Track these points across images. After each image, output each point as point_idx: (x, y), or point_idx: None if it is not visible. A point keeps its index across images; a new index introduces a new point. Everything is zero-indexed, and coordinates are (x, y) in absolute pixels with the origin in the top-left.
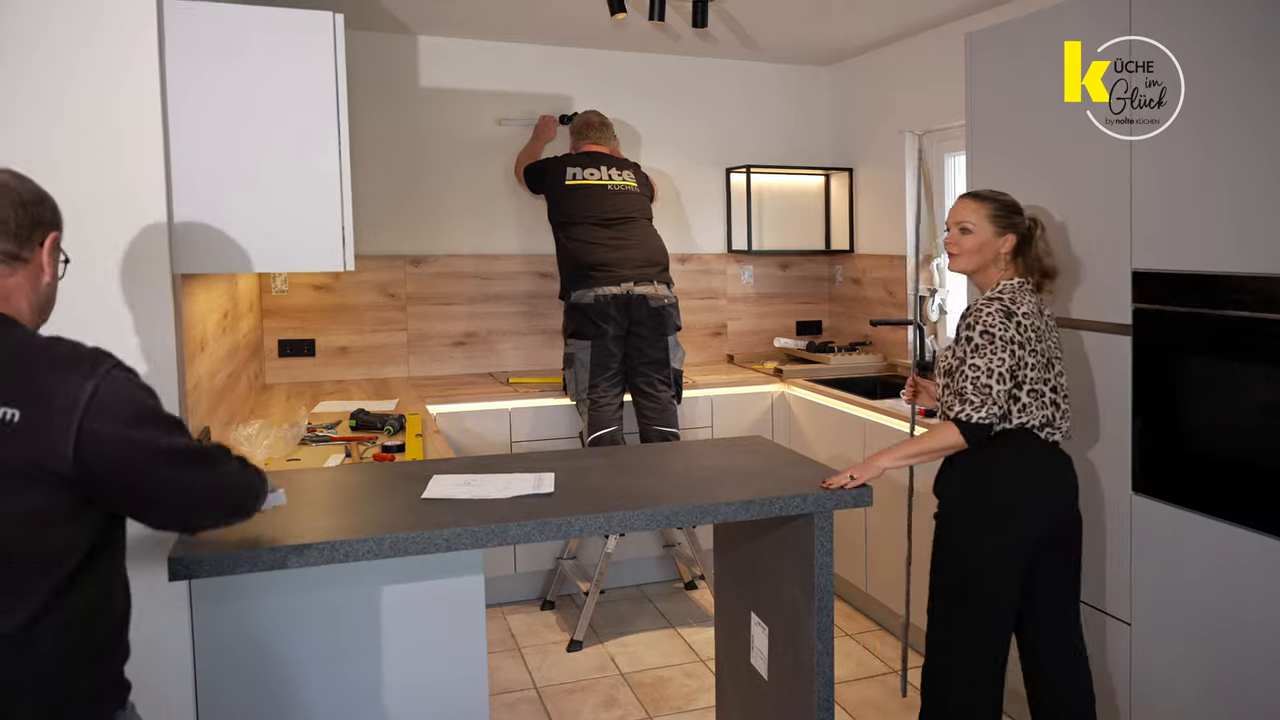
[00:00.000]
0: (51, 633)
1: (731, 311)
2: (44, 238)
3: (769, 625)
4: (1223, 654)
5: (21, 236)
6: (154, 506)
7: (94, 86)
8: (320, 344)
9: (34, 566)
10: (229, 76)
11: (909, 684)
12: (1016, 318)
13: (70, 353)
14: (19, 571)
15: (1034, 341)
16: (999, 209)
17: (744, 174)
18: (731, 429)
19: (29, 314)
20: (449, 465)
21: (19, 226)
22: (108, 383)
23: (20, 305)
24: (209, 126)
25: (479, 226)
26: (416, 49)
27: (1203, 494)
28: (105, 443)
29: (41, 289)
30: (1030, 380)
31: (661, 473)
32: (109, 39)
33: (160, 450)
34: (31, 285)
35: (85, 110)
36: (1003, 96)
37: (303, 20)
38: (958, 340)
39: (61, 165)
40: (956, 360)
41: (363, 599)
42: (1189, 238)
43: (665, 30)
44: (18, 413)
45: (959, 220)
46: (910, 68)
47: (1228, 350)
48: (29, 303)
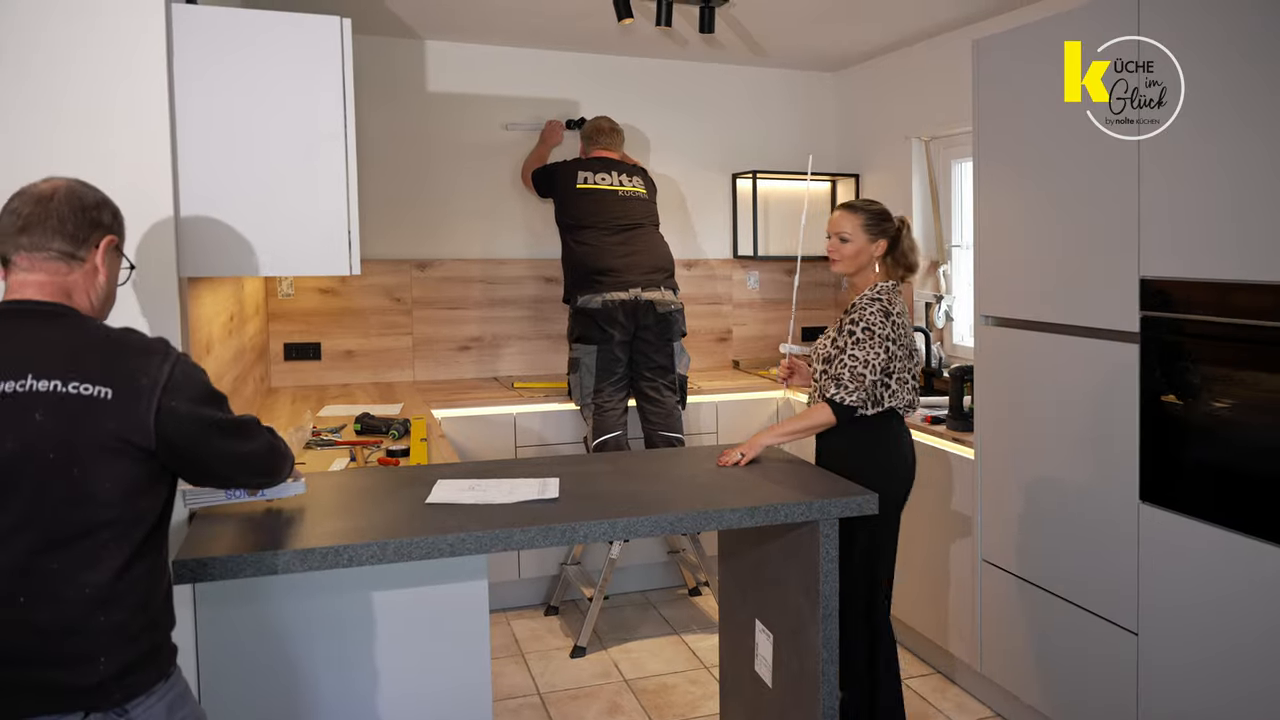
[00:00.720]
0: (128, 591)
1: (737, 317)
2: (100, 240)
3: (773, 632)
4: (1233, 665)
5: (79, 237)
6: (208, 471)
7: (102, 90)
8: (326, 347)
9: (120, 529)
10: (236, 80)
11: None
12: (893, 317)
13: (144, 339)
14: (109, 534)
15: (903, 337)
16: (871, 218)
17: (750, 179)
18: (736, 434)
19: (89, 309)
20: (454, 470)
21: (76, 228)
22: (179, 365)
23: (81, 301)
24: (216, 130)
25: (485, 231)
26: (424, 53)
27: (1212, 503)
28: (179, 418)
29: (99, 288)
30: (898, 370)
31: (666, 478)
32: (117, 43)
33: (216, 423)
34: (89, 283)
35: (94, 114)
36: (1009, 103)
37: (310, 25)
38: (840, 331)
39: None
40: (836, 349)
41: (366, 603)
42: (1198, 245)
43: (672, 36)
44: (110, 391)
45: (838, 231)
46: (916, 74)
47: (1238, 359)
48: (89, 299)
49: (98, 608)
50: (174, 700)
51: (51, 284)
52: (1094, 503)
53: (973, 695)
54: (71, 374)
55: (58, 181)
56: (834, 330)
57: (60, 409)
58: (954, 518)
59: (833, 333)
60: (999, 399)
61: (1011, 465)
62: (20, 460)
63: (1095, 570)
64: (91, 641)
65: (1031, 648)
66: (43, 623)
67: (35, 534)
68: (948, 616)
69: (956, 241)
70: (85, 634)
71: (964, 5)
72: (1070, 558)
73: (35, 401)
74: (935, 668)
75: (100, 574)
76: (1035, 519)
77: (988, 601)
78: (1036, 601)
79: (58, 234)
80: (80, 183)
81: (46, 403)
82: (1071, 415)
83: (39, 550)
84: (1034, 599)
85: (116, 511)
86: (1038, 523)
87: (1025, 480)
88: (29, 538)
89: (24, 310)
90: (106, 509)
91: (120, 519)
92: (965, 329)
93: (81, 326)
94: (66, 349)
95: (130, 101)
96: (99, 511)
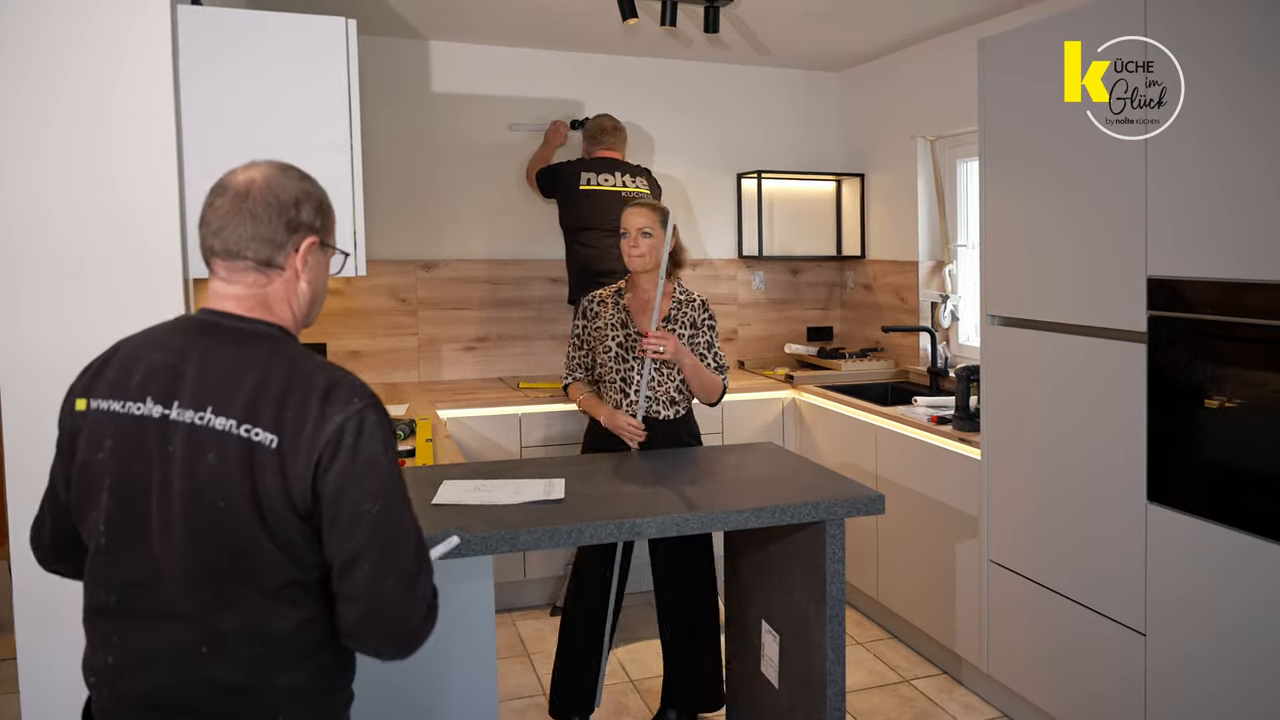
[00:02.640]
0: (306, 649)
1: (742, 317)
2: (300, 243)
3: (780, 633)
4: (1242, 666)
5: (276, 241)
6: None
7: (107, 91)
8: (331, 348)
9: (295, 586)
10: (242, 81)
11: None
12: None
13: (332, 380)
14: (285, 592)
15: None
16: (663, 215)
17: (755, 179)
18: (742, 435)
19: (293, 321)
20: (459, 470)
21: (274, 232)
22: (356, 420)
23: (283, 313)
24: (222, 130)
25: (490, 231)
26: (428, 54)
27: (1220, 504)
28: (327, 482)
29: (301, 295)
30: None
31: (672, 479)
32: (122, 44)
33: (367, 516)
34: (290, 292)
35: (99, 114)
36: (1016, 102)
37: (316, 25)
38: (698, 328)
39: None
40: (705, 343)
41: None
42: (1206, 244)
43: (677, 36)
44: (277, 440)
45: (640, 227)
46: (922, 73)
47: (1246, 358)
48: (291, 310)
49: (274, 668)
50: None
51: (250, 297)
52: (1101, 503)
53: (979, 695)
54: (249, 415)
55: (254, 171)
56: (677, 327)
57: (231, 454)
58: (960, 518)
59: (681, 329)
60: (1005, 399)
61: (1018, 465)
62: (191, 503)
63: (1102, 571)
64: (270, 700)
65: (1038, 648)
66: (221, 677)
67: (211, 586)
68: (954, 617)
69: (962, 241)
70: (262, 693)
71: (969, 4)
72: (1077, 558)
73: (211, 440)
74: (941, 668)
75: (276, 633)
76: (1042, 519)
77: (994, 602)
78: (1043, 602)
79: (253, 240)
80: (281, 170)
81: (220, 444)
82: (1078, 415)
83: (213, 602)
84: (1041, 599)
85: (290, 572)
86: (1045, 523)
87: (1032, 480)
88: (208, 588)
89: (223, 326)
90: (277, 568)
91: (295, 580)
92: (970, 329)
93: (277, 354)
94: (252, 383)
95: (137, 102)
96: (269, 569)
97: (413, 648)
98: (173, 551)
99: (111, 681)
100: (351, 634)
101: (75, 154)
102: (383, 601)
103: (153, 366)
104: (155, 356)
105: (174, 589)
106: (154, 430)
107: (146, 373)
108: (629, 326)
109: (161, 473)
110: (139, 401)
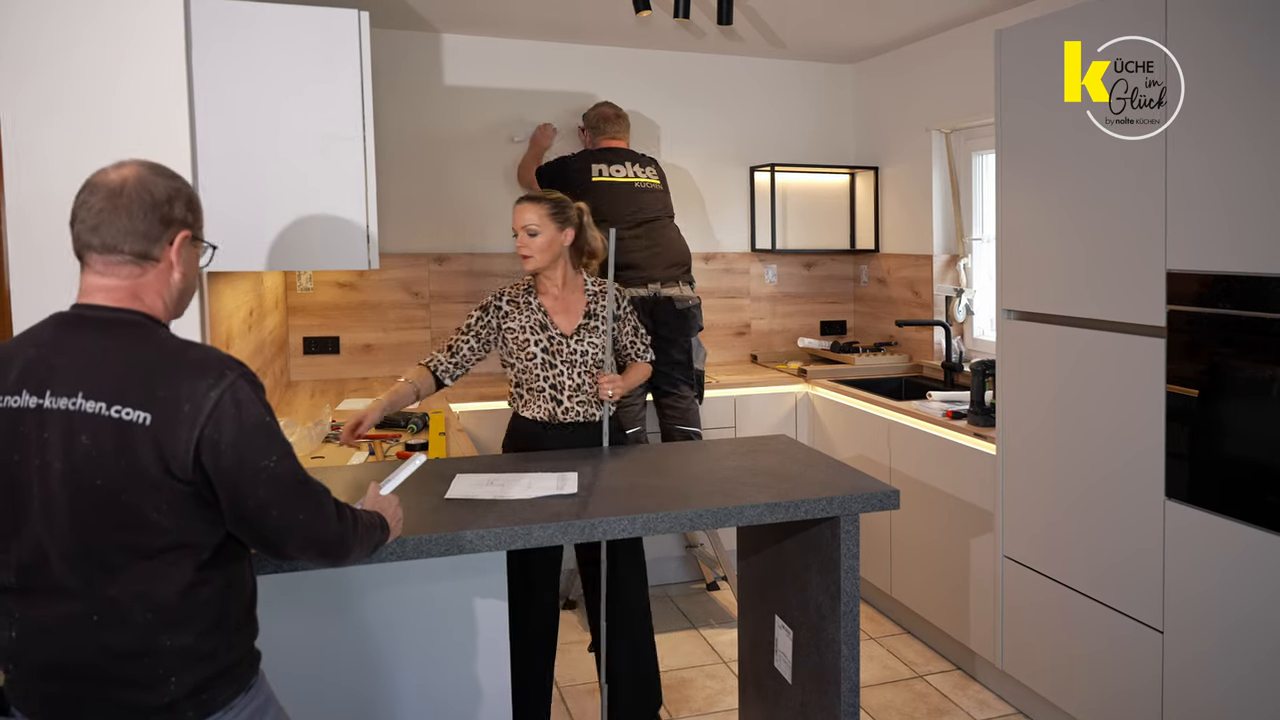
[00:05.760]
0: (195, 613)
1: (755, 311)
2: (174, 236)
3: (793, 628)
4: (1260, 663)
5: (151, 236)
6: (246, 523)
7: (119, 84)
8: (345, 341)
9: (178, 553)
10: (255, 74)
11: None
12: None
13: (203, 358)
14: (167, 559)
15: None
16: (554, 208)
17: (768, 172)
18: (754, 429)
19: (163, 310)
20: (472, 464)
21: (149, 226)
22: (230, 391)
23: (153, 302)
24: (235, 124)
25: (503, 224)
26: (440, 47)
27: (1239, 500)
28: (219, 453)
29: (172, 285)
30: None
31: (685, 473)
32: (135, 37)
33: (265, 472)
34: (162, 282)
35: (112, 107)
36: (1033, 94)
37: (328, 18)
38: (620, 319)
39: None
40: (630, 329)
41: (385, 599)
42: (1226, 238)
43: (689, 28)
44: (149, 417)
45: (524, 224)
46: (937, 65)
47: (1266, 353)
48: (161, 299)
49: (162, 631)
50: (254, 711)
51: (121, 289)
52: (1118, 499)
53: (994, 692)
54: (117, 396)
55: (127, 170)
56: (599, 323)
57: (104, 434)
58: (975, 513)
59: (596, 323)
60: (1021, 394)
61: (1034, 460)
62: (70, 483)
63: (1120, 567)
64: (160, 662)
65: (1054, 644)
66: (112, 643)
67: (95, 559)
68: (969, 612)
69: (977, 235)
70: (153, 656)
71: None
72: (1094, 554)
73: (83, 424)
74: (956, 664)
75: (162, 598)
76: (1058, 515)
77: (1009, 598)
78: (1059, 598)
79: (130, 235)
80: (152, 170)
81: (92, 426)
82: (1095, 410)
83: (99, 574)
84: (1057, 595)
85: (172, 537)
86: (1061, 519)
87: (1048, 476)
88: (92, 561)
89: (88, 318)
90: (159, 535)
91: (177, 544)
92: (986, 323)
93: (143, 339)
94: (119, 366)
95: (150, 94)
96: (152, 538)
97: (343, 551)
98: (57, 530)
99: (16, 656)
100: (283, 558)
101: (90, 149)
102: (300, 530)
103: (26, 361)
104: (29, 352)
105: (61, 565)
106: (31, 420)
107: (21, 368)
108: (550, 329)
109: (40, 459)
110: (15, 395)
